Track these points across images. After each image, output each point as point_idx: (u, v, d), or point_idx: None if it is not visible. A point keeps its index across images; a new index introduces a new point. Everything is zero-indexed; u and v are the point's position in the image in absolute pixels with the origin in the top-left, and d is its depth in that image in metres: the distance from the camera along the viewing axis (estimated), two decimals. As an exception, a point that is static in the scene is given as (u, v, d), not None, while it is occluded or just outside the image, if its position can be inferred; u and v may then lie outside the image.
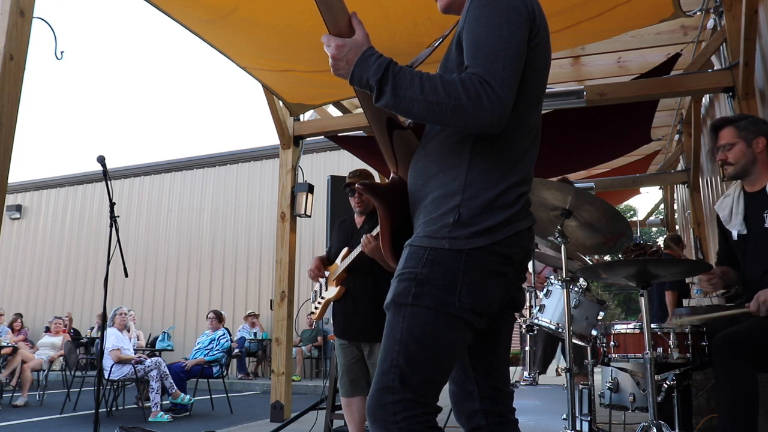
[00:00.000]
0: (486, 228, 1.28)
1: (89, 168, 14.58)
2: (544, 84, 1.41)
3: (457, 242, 1.27)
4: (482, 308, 1.30)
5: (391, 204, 1.46)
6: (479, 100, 1.19)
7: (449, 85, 1.20)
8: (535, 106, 1.38)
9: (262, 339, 10.93)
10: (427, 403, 1.26)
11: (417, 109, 1.23)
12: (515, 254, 1.33)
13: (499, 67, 1.21)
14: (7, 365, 7.45)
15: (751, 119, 2.63)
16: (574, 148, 6.09)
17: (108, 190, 3.54)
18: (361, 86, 1.29)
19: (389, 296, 1.32)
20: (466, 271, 1.27)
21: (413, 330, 1.26)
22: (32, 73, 63.51)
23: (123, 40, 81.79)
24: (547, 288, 2.96)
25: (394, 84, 1.23)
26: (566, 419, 2.53)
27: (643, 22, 4.33)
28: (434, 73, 1.26)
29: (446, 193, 1.32)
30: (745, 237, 2.58)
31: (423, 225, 1.35)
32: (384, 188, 1.48)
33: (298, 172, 5.61)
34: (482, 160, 1.32)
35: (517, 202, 1.33)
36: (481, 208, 1.29)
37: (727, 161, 2.59)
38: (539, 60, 1.35)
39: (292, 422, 4.35)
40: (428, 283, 1.27)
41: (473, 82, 1.20)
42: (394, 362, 1.26)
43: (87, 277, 13.59)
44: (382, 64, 1.25)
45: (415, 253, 1.31)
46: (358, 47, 1.28)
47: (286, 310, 5.26)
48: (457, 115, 1.21)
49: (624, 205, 23.34)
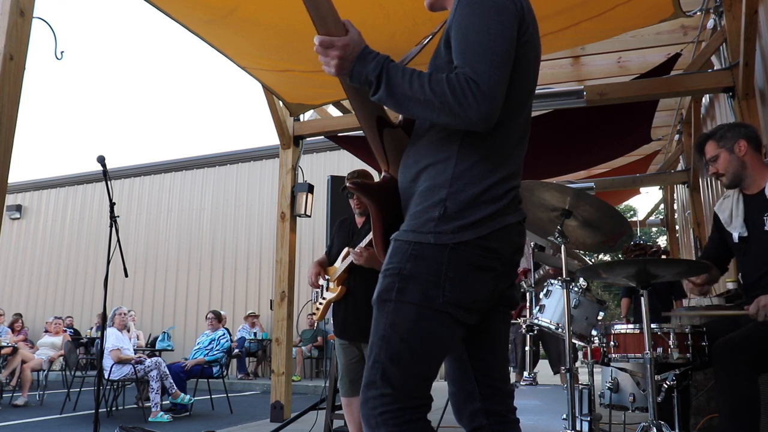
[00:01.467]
0: (472, 222, 1.28)
1: (89, 168, 14.60)
2: (534, 80, 1.41)
3: (442, 237, 1.27)
4: (468, 303, 1.29)
5: (382, 202, 1.46)
6: (465, 99, 1.20)
7: (436, 84, 1.22)
8: (525, 102, 1.39)
9: (262, 339, 10.93)
10: (410, 399, 1.25)
11: (408, 105, 1.26)
12: (503, 249, 1.32)
13: (486, 65, 1.22)
14: (7, 365, 7.45)
15: (726, 127, 2.67)
16: (574, 148, 6.10)
17: (108, 190, 3.54)
18: (360, 83, 1.31)
19: (375, 292, 1.33)
20: (450, 266, 1.26)
21: (396, 325, 1.27)
22: (32, 73, 63.52)
23: (123, 40, 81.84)
24: (547, 288, 2.96)
25: (388, 80, 1.26)
26: (566, 419, 2.53)
27: (643, 22, 4.33)
28: (425, 72, 1.27)
29: (433, 186, 1.32)
30: (745, 239, 2.58)
31: (409, 218, 1.35)
32: (375, 187, 1.48)
33: (298, 172, 5.61)
34: (470, 154, 1.31)
35: (506, 197, 1.33)
36: (468, 202, 1.29)
37: (718, 173, 2.62)
38: (529, 57, 1.35)
39: (292, 422, 4.35)
40: (412, 279, 1.27)
41: (459, 81, 1.21)
42: (377, 357, 1.27)
43: (87, 277, 13.59)
44: (380, 61, 1.28)
45: (400, 248, 1.31)
46: (358, 46, 1.31)
47: (286, 310, 5.26)
48: (445, 113, 1.23)
49: (624, 205, 23.34)
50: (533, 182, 2.46)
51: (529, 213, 2.59)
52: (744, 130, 2.61)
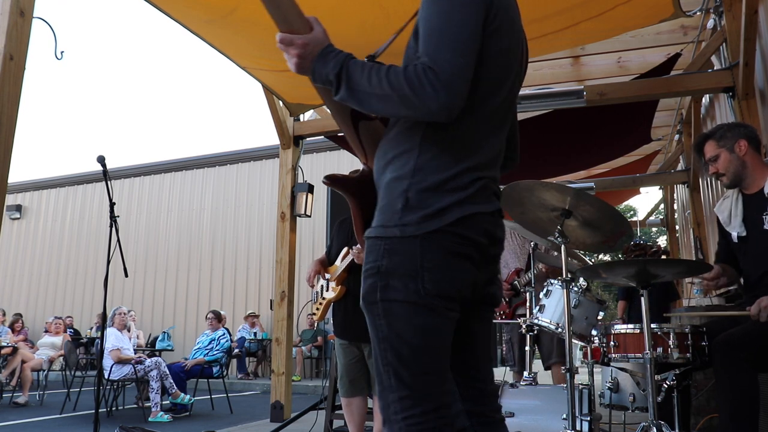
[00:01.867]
0: (437, 210, 1.23)
1: (89, 168, 14.59)
2: (508, 69, 1.36)
3: (408, 229, 1.24)
4: (451, 292, 1.25)
5: (361, 196, 1.44)
6: (423, 89, 1.16)
7: (394, 77, 1.19)
8: (495, 92, 1.33)
9: (262, 339, 10.93)
10: (429, 400, 1.22)
11: (369, 102, 1.24)
12: (476, 237, 1.27)
13: (448, 54, 1.18)
14: (7, 365, 7.45)
15: (726, 127, 2.67)
16: (574, 148, 6.10)
17: (108, 190, 3.54)
18: (321, 82, 1.29)
19: (361, 296, 1.29)
20: (425, 257, 1.23)
21: (392, 326, 1.24)
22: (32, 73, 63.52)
23: (123, 40, 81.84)
24: (547, 288, 2.96)
25: (348, 78, 1.23)
26: (566, 419, 2.52)
27: (643, 22, 4.33)
28: (385, 66, 1.24)
29: (397, 177, 1.29)
30: (744, 239, 2.58)
31: (377, 213, 1.32)
32: (351, 180, 1.46)
33: (298, 172, 5.61)
34: (433, 144, 1.27)
35: (472, 186, 1.27)
36: (430, 190, 1.25)
37: (718, 173, 2.61)
38: (499, 45, 1.30)
39: (292, 422, 4.35)
40: (391, 275, 1.24)
41: (417, 71, 1.18)
42: (386, 360, 1.25)
43: (87, 277, 13.59)
44: (340, 60, 1.26)
45: (373, 245, 1.28)
46: (320, 44, 1.29)
47: (286, 310, 5.26)
48: (405, 106, 1.20)
49: (624, 205, 23.33)
50: (533, 182, 2.45)
51: (529, 213, 2.61)
52: (744, 130, 2.61)
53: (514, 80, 1.41)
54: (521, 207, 2.58)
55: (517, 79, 1.44)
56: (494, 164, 1.37)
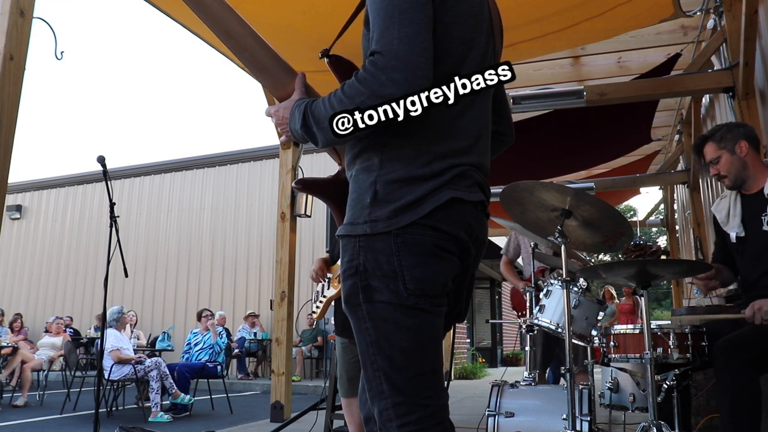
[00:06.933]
0: (409, 202, 1.15)
1: (89, 168, 14.59)
2: (471, 41, 1.26)
3: (378, 225, 1.15)
4: (434, 291, 1.17)
5: (336, 196, 1.41)
6: (375, 81, 1.09)
7: (348, 88, 1.13)
8: (460, 65, 1.23)
9: (262, 339, 10.93)
10: (423, 404, 1.16)
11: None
12: (455, 231, 1.19)
13: (394, 30, 1.11)
14: (7, 365, 7.45)
15: (725, 127, 2.65)
16: (575, 148, 6.11)
17: (108, 190, 3.55)
18: (300, 139, 1.24)
19: (342, 298, 1.22)
20: (402, 255, 1.14)
21: (379, 329, 1.17)
22: (32, 73, 63.56)
23: (123, 40, 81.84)
24: (547, 288, 2.96)
25: (316, 120, 1.18)
26: (566, 419, 2.53)
27: (643, 22, 4.34)
28: (340, 84, 1.18)
29: (364, 168, 1.21)
30: (743, 239, 2.58)
31: (347, 209, 1.23)
32: (322, 182, 1.45)
33: (298, 172, 5.61)
34: (400, 133, 1.19)
35: (447, 172, 1.18)
36: (400, 181, 1.16)
37: (720, 174, 2.60)
38: (453, 14, 1.22)
39: (292, 422, 4.35)
40: (370, 275, 1.16)
41: (365, 68, 1.12)
42: (375, 366, 1.18)
43: (87, 277, 13.59)
44: (301, 108, 1.21)
45: (346, 245, 1.20)
46: (287, 106, 1.27)
47: (286, 310, 5.26)
48: (371, 108, 1.11)
49: (624, 205, 23.34)
50: (533, 182, 2.45)
51: (529, 213, 2.61)
52: (743, 130, 2.61)
53: (485, 52, 1.31)
54: (521, 207, 2.58)
55: (490, 51, 1.34)
56: (474, 150, 1.26)
